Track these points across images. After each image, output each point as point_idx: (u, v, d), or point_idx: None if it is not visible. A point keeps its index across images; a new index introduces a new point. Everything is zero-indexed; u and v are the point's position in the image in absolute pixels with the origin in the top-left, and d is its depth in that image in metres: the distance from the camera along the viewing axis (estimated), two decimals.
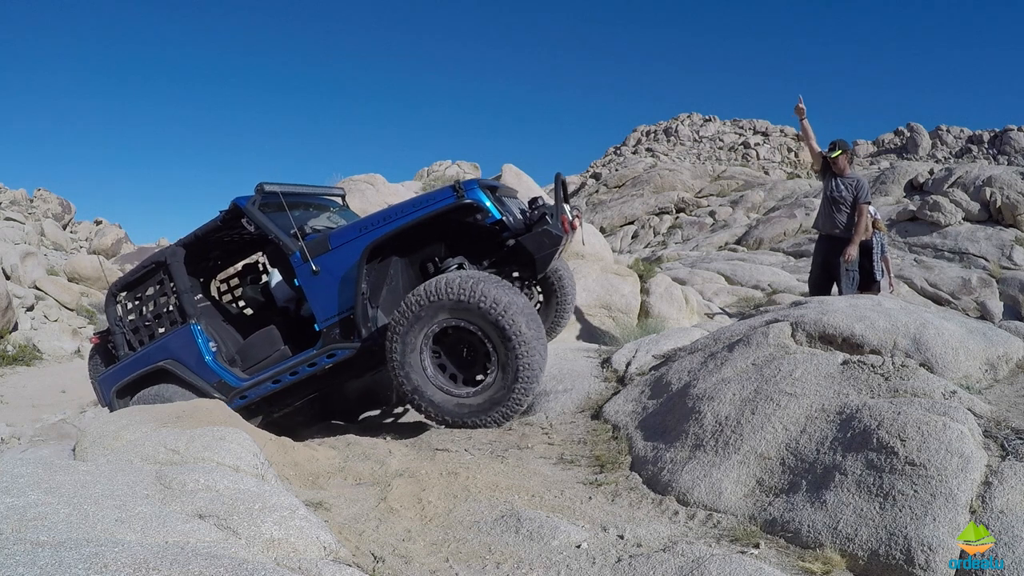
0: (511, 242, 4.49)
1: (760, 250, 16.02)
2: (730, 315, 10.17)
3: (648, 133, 46.91)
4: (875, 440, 2.65)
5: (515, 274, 5.00)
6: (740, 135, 44.09)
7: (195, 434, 2.89)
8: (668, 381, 4.04)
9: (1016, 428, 2.66)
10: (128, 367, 5.39)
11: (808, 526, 2.54)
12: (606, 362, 5.17)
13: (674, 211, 23.68)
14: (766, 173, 33.13)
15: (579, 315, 7.95)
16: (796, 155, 41.24)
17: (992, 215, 13.73)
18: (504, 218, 4.33)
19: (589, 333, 7.65)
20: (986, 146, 38.42)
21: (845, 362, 3.30)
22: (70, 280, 18.98)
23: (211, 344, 5.21)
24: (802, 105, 5.88)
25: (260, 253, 6.68)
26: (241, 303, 6.52)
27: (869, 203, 5.86)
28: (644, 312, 8.47)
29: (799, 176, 33.25)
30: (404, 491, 3.17)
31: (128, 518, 1.99)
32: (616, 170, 31.81)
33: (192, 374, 5.08)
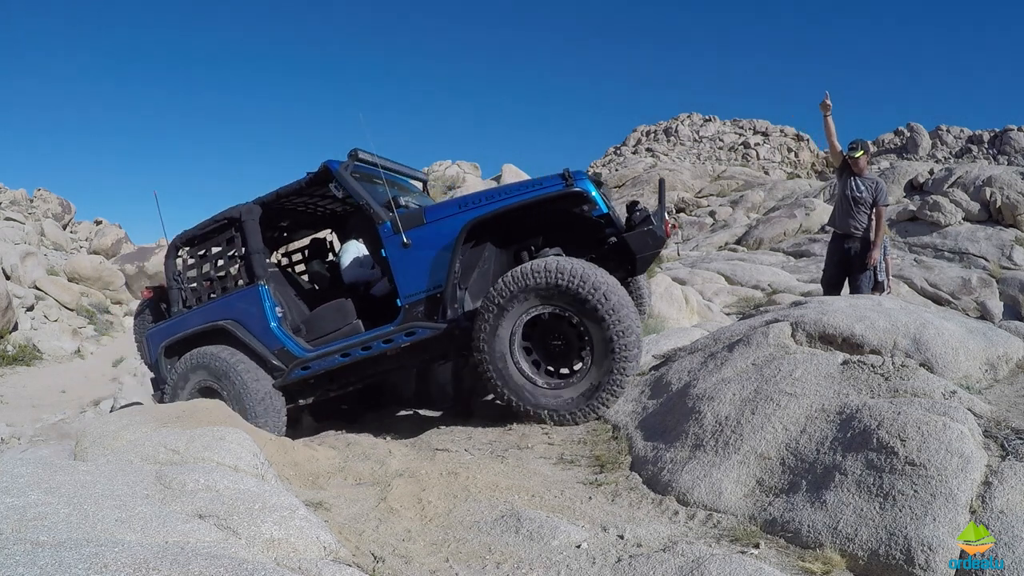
0: (612, 240, 4.36)
1: (760, 250, 16.02)
2: (728, 315, 10.17)
3: (648, 133, 46.89)
4: (875, 440, 2.65)
5: None
6: (740, 135, 44.07)
7: (195, 434, 2.90)
8: (668, 381, 4.04)
9: (1016, 428, 2.66)
10: (182, 323, 5.19)
11: (808, 526, 2.54)
12: None
13: (674, 211, 23.69)
14: (766, 173, 33.13)
15: None
16: (796, 155, 41.23)
17: (992, 215, 13.73)
18: (611, 212, 4.19)
19: None
20: (986, 146, 38.39)
21: (845, 362, 3.30)
22: (70, 280, 18.96)
23: (277, 309, 4.97)
24: (828, 102, 5.86)
25: (329, 231, 6.50)
26: (304, 279, 6.29)
27: (888, 205, 5.89)
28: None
29: (799, 176, 33.26)
30: (404, 491, 3.17)
31: (128, 518, 1.99)
32: (616, 170, 31.82)
33: (252, 337, 4.88)
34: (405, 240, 4.36)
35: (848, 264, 5.83)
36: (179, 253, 5.42)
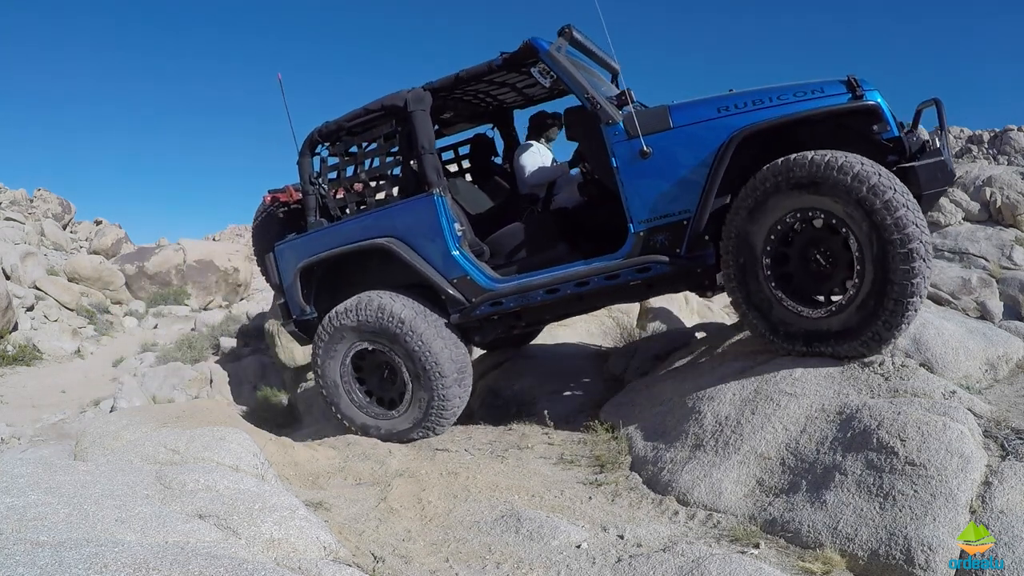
0: (893, 170, 3.32)
1: None
2: (728, 315, 10.16)
3: None
4: (875, 440, 2.65)
5: None
6: None
7: (195, 434, 2.90)
8: (668, 381, 4.03)
9: (1016, 428, 2.66)
10: (326, 237, 4.26)
11: (808, 526, 2.54)
12: (606, 362, 5.17)
13: None
14: None
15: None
16: None
17: (992, 215, 13.72)
18: (902, 137, 3.28)
19: (589, 333, 7.65)
20: (986, 146, 38.36)
21: (845, 362, 3.29)
22: (70, 280, 18.96)
23: (456, 226, 3.98)
24: None
25: (492, 126, 5.47)
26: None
27: None
28: (644, 312, 8.47)
29: None
30: (404, 491, 3.17)
31: (128, 518, 1.99)
32: None
33: (424, 262, 3.98)
34: (645, 148, 3.46)
35: None
36: (316, 150, 4.46)
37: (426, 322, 3.98)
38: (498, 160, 5.41)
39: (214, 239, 33.85)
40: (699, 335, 5.01)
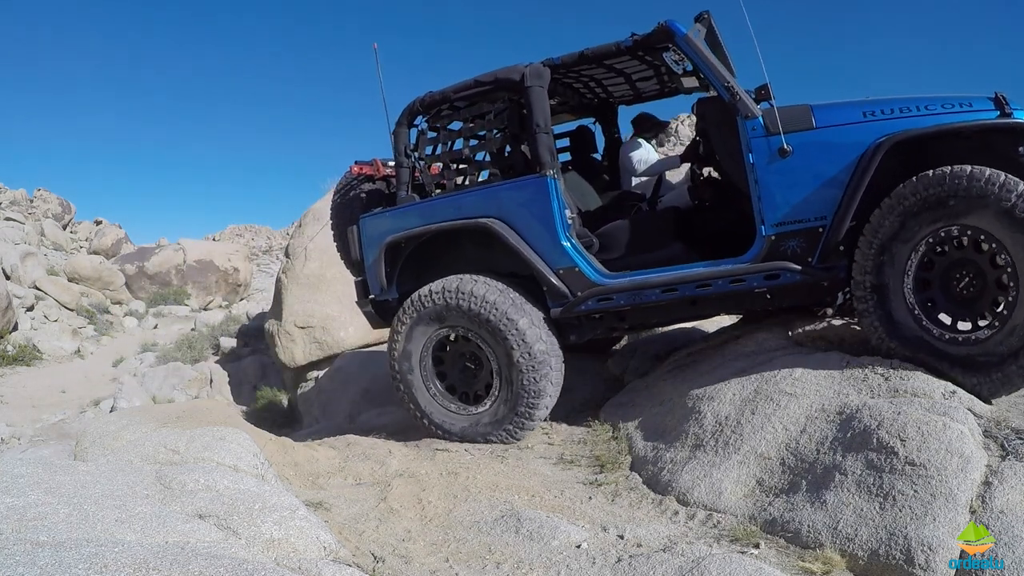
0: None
1: None
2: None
3: None
4: (875, 440, 2.65)
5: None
6: None
7: (195, 434, 2.90)
8: (668, 381, 4.04)
9: (1016, 428, 2.66)
10: (420, 212, 4.00)
11: (808, 526, 2.54)
12: (606, 362, 5.17)
13: None
14: None
15: None
16: None
17: None
18: None
19: None
20: None
21: (845, 362, 3.30)
22: (70, 280, 18.99)
23: (567, 213, 3.73)
24: None
25: (594, 121, 5.22)
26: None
27: None
28: None
29: None
30: (404, 491, 3.17)
31: (128, 518, 1.99)
32: None
33: (529, 248, 3.73)
34: (785, 146, 3.28)
35: None
36: (415, 121, 4.22)
37: (523, 311, 3.74)
38: (596, 156, 5.20)
39: (214, 239, 33.85)
40: (700, 335, 5.02)
